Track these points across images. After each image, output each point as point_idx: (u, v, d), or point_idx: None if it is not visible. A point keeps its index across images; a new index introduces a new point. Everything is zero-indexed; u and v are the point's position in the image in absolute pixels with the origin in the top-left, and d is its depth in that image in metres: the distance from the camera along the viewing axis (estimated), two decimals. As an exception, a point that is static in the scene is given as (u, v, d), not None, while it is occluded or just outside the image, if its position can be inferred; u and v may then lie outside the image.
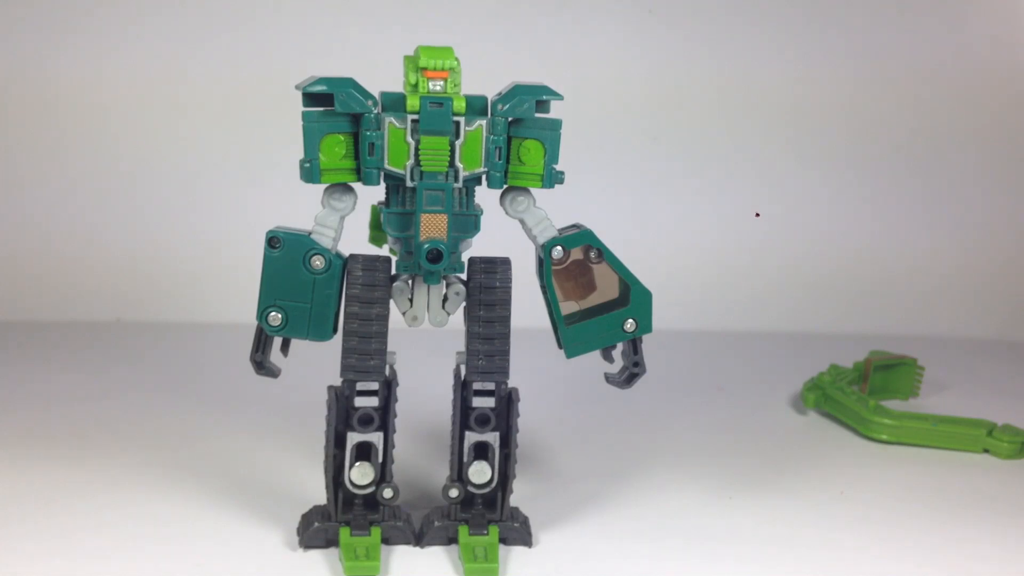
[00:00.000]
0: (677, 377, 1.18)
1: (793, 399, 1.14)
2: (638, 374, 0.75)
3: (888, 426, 1.01)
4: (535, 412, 0.92)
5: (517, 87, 0.69)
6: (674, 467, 0.93)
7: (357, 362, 0.71)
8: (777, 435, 1.03)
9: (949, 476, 0.94)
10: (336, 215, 0.70)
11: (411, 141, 0.68)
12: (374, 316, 0.71)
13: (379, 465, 0.73)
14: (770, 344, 1.37)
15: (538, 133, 0.69)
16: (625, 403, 0.98)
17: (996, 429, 1.00)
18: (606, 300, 0.74)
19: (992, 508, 0.87)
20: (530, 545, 0.76)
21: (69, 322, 1.32)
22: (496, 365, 0.73)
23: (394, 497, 0.74)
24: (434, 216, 0.68)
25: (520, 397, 0.74)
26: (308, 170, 0.68)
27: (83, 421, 0.97)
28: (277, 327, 0.70)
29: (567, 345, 0.74)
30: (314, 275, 0.70)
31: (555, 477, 0.90)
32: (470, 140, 0.68)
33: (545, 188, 0.71)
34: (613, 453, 0.96)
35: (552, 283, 0.73)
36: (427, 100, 0.67)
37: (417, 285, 0.73)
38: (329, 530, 0.74)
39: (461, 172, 0.69)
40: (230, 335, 1.04)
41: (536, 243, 0.73)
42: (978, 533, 0.82)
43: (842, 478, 0.92)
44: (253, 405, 1.02)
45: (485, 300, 0.73)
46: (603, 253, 0.73)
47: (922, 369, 1.16)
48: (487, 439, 0.74)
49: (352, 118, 0.68)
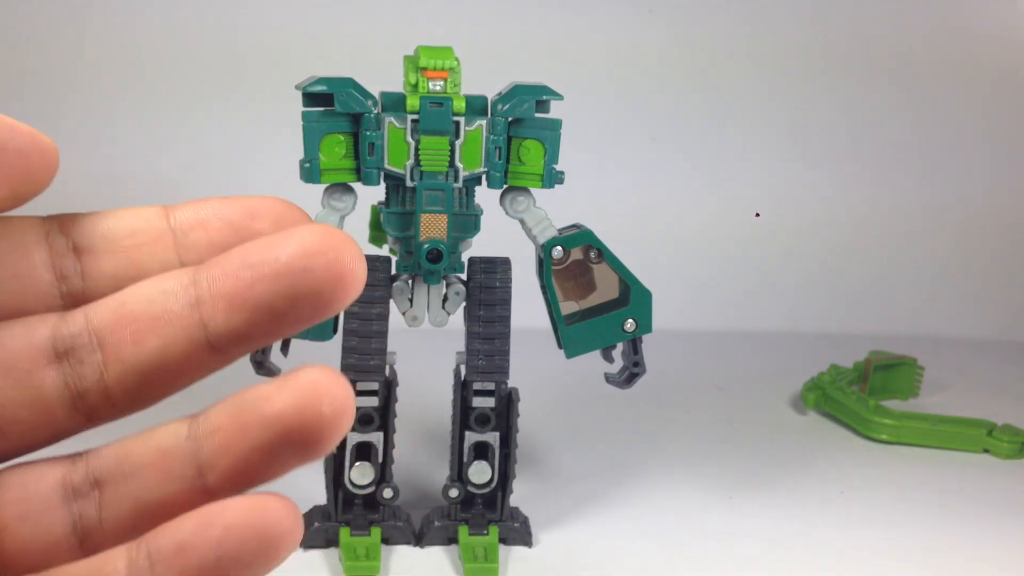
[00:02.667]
0: (677, 377, 1.18)
1: (793, 399, 1.14)
2: (638, 374, 0.75)
3: (888, 426, 1.01)
4: (535, 412, 0.92)
5: (517, 87, 0.69)
6: (674, 467, 0.93)
7: (357, 362, 0.71)
8: (777, 435, 1.03)
9: (949, 476, 0.94)
10: (336, 215, 0.70)
11: (411, 141, 0.68)
12: (374, 316, 0.71)
13: (379, 465, 0.73)
14: (770, 344, 1.37)
15: (538, 133, 0.70)
16: (625, 403, 0.98)
17: (996, 429, 1.00)
18: (606, 300, 0.74)
19: (992, 508, 0.87)
20: (530, 545, 0.76)
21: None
22: (496, 365, 0.73)
23: (394, 497, 0.74)
24: (434, 216, 0.68)
25: (520, 397, 0.74)
26: (308, 170, 0.68)
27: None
28: (277, 327, 0.70)
29: (567, 345, 0.74)
30: (314, 275, 0.70)
31: (555, 477, 0.90)
32: (470, 140, 0.68)
33: (545, 188, 0.71)
34: (613, 453, 0.96)
35: (552, 283, 0.73)
36: (427, 100, 0.67)
37: (417, 285, 0.73)
38: (329, 530, 0.74)
39: (461, 172, 0.69)
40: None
41: (536, 243, 0.73)
42: (978, 533, 0.82)
43: (842, 478, 0.92)
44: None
45: (485, 300, 0.73)
46: (603, 253, 0.73)
47: (922, 369, 1.16)
48: (487, 439, 0.74)
49: (352, 118, 0.68)
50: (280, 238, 0.29)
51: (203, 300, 0.29)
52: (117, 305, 0.30)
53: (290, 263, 0.28)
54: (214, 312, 0.29)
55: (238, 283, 0.29)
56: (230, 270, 0.29)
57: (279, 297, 0.29)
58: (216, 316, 0.29)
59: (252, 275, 0.29)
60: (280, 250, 0.28)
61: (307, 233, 0.29)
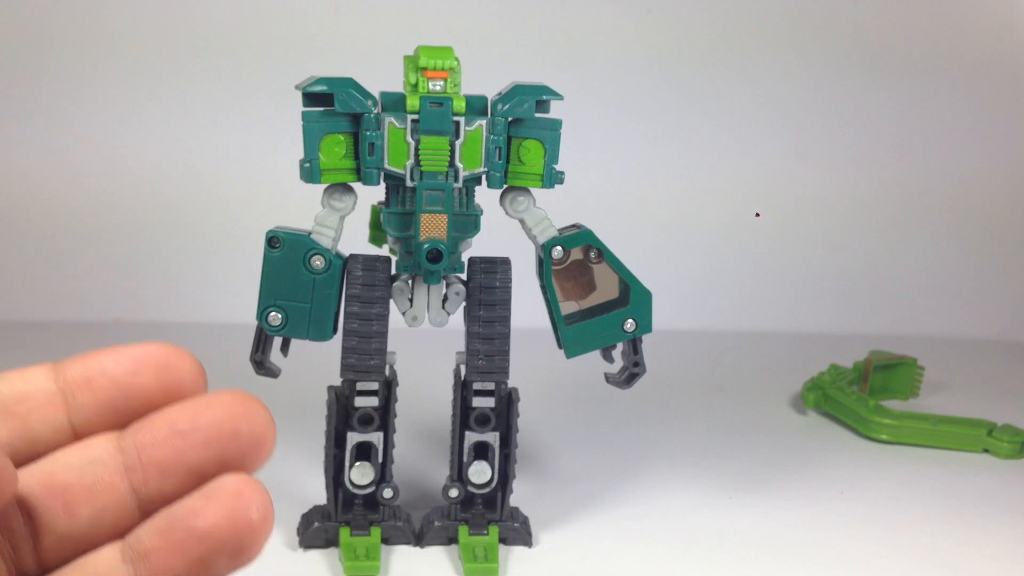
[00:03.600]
0: (677, 377, 1.18)
1: (793, 399, 1.14)
2: (638, 374, 0.75)
3: (888, 426, 1.01)
4: (535, 412, 0.92)
5: (517, 87, 0.69)
6: (674, 467, 0.93)
7: (357, 362, 0.71)
8: (777, 435, 1.03)
9: (949, 476, 0.94)
10: (336, 215, 0.70)
11: (411, 141, 0.68)
12: (374, 316, 0.71)
13: (379, 465, 0.73)
14: (770, 344, 1.37)
15: (538, 133, 0.69)
16: (625, 403, 0.98)
17: (996, 429, 1.00)
18: (606, 300, 0.74)
19: (992, 508, 0.87)
20: (530, 545, 0.76)
21: (69, 322, 1.32)
22: (496, 365, 0.73)
23: (394, 497, 0.74)
24: (434, 216, 0.68)
25: (520, 397, 0.74)
26: (308, 170, 0.68)
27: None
28: (277, 327, 0.70)
29: (567, 345, 0.74)
30: (314, 275, 0.70)
31: (555, 477, 0.90)
32: (470, 140, 0.68)
33: (545, 188, 0.71)
34: (613, 453, 0.96)
35: (552, 283, 0.73)
36: (427, 100, 0.67)
37: (417, 285, 0.72)
38: (329, 530, 0.74)
39: (461, 172, 0.69)
40: (230, 335, 1.04)
41: (536, 243, 0.73)
42: (978, 533, 0.82)
43: (842, 478, 0.92)
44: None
45: (485, 300, 0.73)
46: (603, 253, 0.73)
47: (922, 369, 1.16)
48: (487, 439, 0.74)
49: (352, 118, 0.68)
50: (205, 404, 0.30)
51: (133, 468, 0.31)
52: (44, 476, 0.31)
53: (220, 429, 0.30)
54: (146, 479, 0.31)
55: (169, 451, 0.30)
56: (160, 438, 0.30)
57: (209, 461, 0.30)
58: (148, 483, 0.31)
59: (183, 443, 0.30)
60: (208, 417, 0.30)
61: (228, 399, 0.30)
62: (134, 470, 0.30)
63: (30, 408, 0.31)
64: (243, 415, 0.30)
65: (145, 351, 0.32)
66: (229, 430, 0.30)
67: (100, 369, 0.31)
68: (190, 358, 0.32)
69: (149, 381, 0.31)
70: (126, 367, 0.31)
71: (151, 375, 0.31)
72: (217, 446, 0.30)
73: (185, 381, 0.31)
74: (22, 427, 0.31)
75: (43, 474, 0.31)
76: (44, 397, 0.31)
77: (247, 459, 0.30)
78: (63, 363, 0.32)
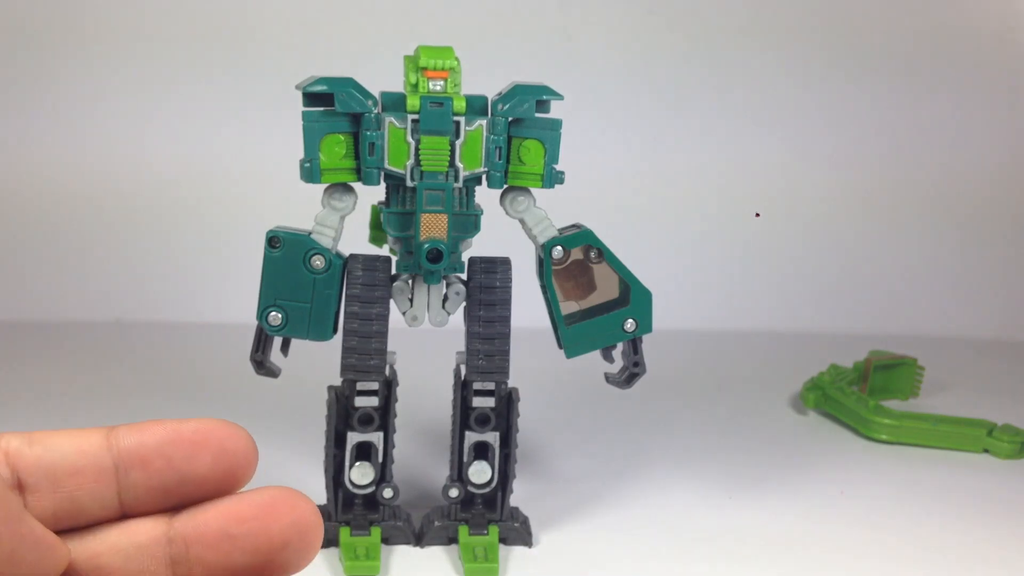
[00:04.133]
0: (677, 377, 1.18)
1: (793, 399, 1.14)
2: (638, 374, 0.75)
3: (888, 426, 1.01)
4: (535, 412, 0.92)
5: (517, 87, 0.69)
6: (674, 467, 0.93)
7: (357, 362, 0.71)
8: (777, 435, 1.03)
9: (949, 476, 0.94)
10: (336, 215, 0.70)
11: (411, 141, 0.68)
12: (374, 316, 0.71)
13: (379, 465, 0.73)
14: (770, 344, 1.37)
15: (538, 133, 0.69)
16: (625, 403, 0.98)
17: (996, 429, 1.00)
18: (606, 300, 0.74)
19: (992, 508, 0.87)
20: (530, 545, 0.76)
21: (69, 322, 1.32)
22: (496, 365, 0.73)
23: (394, 497, 0.74)
24: (434, 216, 0.68)
25: (520, 397, 0.74)
26: (308, 170, 0.68)
27: (83, 421, 0.97)
28: (277, 327, 0.70)
29: (567, 345, 0.74)
30: (314, 275, 0.70)
31: (555, 477, 0.90)
32: (470, 140, 0.68)
33: (545, 188, 0.71)
34: (613, 453, 0.96)
35: (552, 283, 0.73)
36: (427, 100, 0.67)
37: (417, 285, 0.73)
38: (329, 530, 0.74)
39: (461, 172, 0.69)
40: (230, 335, 1.04)
41: (536, 243, 0.73)
42: (978, 533, 0.82)
43: (842, 478, 0.92)
44: (253, 405, 1.02)
45: (485, 300, 0.73)
46: (603, 253, 0.73)
47: (922, 369, 1.16)
48: (487, 439, 0.74)
49: (352, 118, 0.68)
50: (259, 508, 0.30)
51: (179, 561, 0.30)
52: (90, 556, 0.30)
53: (269, 541, 0.30)
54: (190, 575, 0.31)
55: (218, 554, 0.30)
56: (211, 539, 0.30)
57: (254, 569, 0.30)
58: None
59: (231, 547, 0.30)
60: (261, 524, 0.30)
61: (283, 508, 0.31)
62: (180, 563, 0.30)
63: (81, 483, 0.30)
64: (295, 527, 0.30)
65: (204, 433, 0.31)
66: (279, 543, 0.30)
67: (157, 449, 0.31)
68: (246, 441, 0.32)
69: (205, 468, 0.31)
70: (184, 451, 0.31)
71: (208, 462, 0.31)
72: (265, 556, 0.30)
73: (239, 466, 0.31)
74: (70, 502, 0.30)
75: (89, 554, 0.30)
76: (96, 472, 0.31)
77: (290, 566, 0.31)
78: (117, 431, 0.31)
